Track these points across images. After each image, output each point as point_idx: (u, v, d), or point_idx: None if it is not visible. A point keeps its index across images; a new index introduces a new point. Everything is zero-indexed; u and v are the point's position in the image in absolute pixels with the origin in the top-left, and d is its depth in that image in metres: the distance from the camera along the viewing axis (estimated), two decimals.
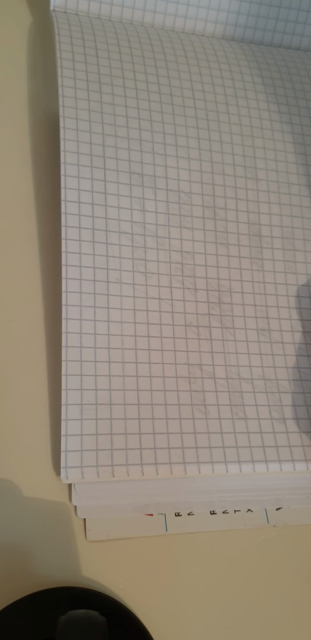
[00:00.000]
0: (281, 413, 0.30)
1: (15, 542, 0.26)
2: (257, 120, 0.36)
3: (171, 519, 0.28)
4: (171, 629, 0.26)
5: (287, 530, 0.29)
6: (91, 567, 0.26)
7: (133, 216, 0.31)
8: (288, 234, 0.34)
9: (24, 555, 0.26)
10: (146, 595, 0.26)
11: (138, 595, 0.26)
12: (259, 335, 0.31)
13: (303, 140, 0.36)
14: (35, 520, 0.26)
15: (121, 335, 0.29)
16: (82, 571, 0.26)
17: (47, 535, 0.26)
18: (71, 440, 0.26)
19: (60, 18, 0.36)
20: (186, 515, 0.28)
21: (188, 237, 0.32)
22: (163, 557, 0.27)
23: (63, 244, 0.29)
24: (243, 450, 0.28)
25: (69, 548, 0.26)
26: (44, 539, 0.26)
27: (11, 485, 0.27)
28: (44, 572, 0.25)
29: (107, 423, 0.27)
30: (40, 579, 0.25)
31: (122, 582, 0.26)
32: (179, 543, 0.27)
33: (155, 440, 0.27)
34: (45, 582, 0.25)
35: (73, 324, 0.28)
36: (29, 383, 0.29)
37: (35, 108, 0.37)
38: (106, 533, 0.27)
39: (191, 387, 0.29)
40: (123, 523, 0.27)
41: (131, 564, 0.26)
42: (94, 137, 0.32)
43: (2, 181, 0.34)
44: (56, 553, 0.26)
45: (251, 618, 0.27)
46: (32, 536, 0.26)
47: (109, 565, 0.26)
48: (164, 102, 0.34)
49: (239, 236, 0.33)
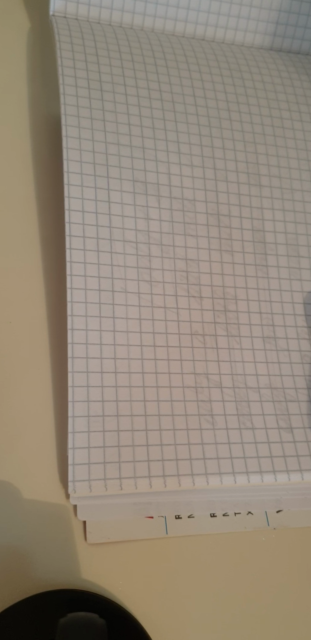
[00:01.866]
0: (289, 422, 0.29)
1: (16, 544, 0.26)
2: (259, 127, 0.36)
3: (171, 522, 0.27)
4: (170, 631, 0.26)
5: (287, 532, 0.29)
6: (91, 569, 0.26)
7: (137, 224, 0.31)
8: (292, 240, 0.34)
9: (24, 557, 0.26)
10: (146, 598, 0.26)
11: (138, 598, 0.26)
12: (265, 343, 0.31)
13: (305, 146, 0.36)
14: (35, 522, 0.26)
15: (127, 345, 0.29)
16: (82, 574, 0.26)
17: (47, 538, 0.26)
18: (78, 453, 0.26)
19: (60, 23, 0.35)
20: (186, 517, 0.28)
21: (193, 244, 0.32)
22: (163, 559, 0.27)
23: (67, 254, 0.29)
24: (250, 460, 0.28)
25: (69, 550, 0.26)
26: (44, 542, 0.26)
27: (12, 488, 0.27)
28: (44, 575, 0.25)
29: (115, 435, 0.27)
30: (40, 582, 0.25)
31: (122, 584, 0.26)
32: (180, 546, 0.27)
33: (163, 452, 0.27)
34: (45, 584, 0.25)
35: (79, 334, 0.28)
36: (29, 385, 0.29)
37: (36, 111, 0.36)
38: (106, 535, 0.26)
39: (198, 397, 0.29)
40: (123, 526, 0.27)
41: (131, 566, 0.26)
42: (97, 146, 0.31)
43: (3, 183, 0.34)
44: (56, 555, 0.26)
45: (252, 621, 0.27)
46: (32, 538, 0.26)
47: (109, 568, 0.26)
48: (166, 109, 0.34)
49: (243, 243, 0.33)
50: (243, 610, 0.27)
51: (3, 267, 0.32)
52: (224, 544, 0.28)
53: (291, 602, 0.27)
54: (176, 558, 0.27)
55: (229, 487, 0.28)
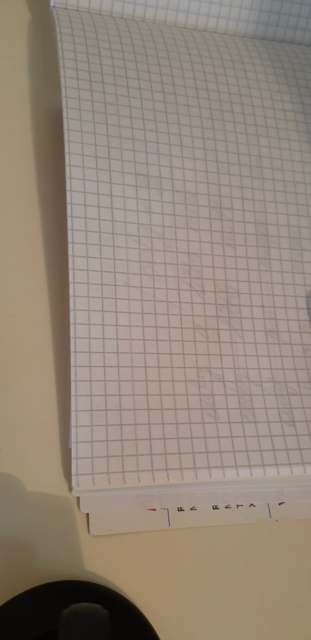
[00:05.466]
0: (291, 415, 0.30)
1: (19, 536, 0.26)
2: (262, 119, 0.36)
3: (173, 514, 0.28)
4: (173, 622, 0.26)
5: (289, 524, 0.29)
6: (94, 561, 0.26)
7: (140, 218, 0.31)
8: (295, 233, 0.34)
9: (27, 549, 0.26)
10: (148, 589, 0.26)
11: (141, 589, 0.26)
12: (267, 337, 0.31)
13: (308, 138, 0.36)
14: (38, 514, 0.27)
15: (130, 340, 0.29)
16: (85, 565, 0.26)
17: (51, 530, 0.26)
18: (81, 447, 0.26)
19: (61, 15, 0.35)
20: (188, 510, 0.28)
21: (195, 238, 0.32)
22: (165, 551, 0.27)
23: (70, 248, 0.29)
24: (253, 454, 0.28)
25: (72, 542, 0.26)
26: (48, 533, 0.26)
27: (15, 480, 0.27)
28: (48, 566, 0.26)
29: (118, 429, 0.27)
30: (43, 573, 0.25)
31: (125, 576, 0.26)
32: (182, 538, 0.27)
33: (165, 446, 0.27)
34: (49, 575, 0.25)
35: (81, 328, 0.28)
36: (31, 378, 0.29)
37: (37, 103, 0.36)
38: (108, 527, 0.27)
39: (200, 390, 0.29)
40: (126, 518, 0.27)
41: (134, 558, 0.27)
42: (99, 139, 0.31)
43: (4, 176, 0.34)
44: (59, 547, 0.26)
45: (254, 613, 0.27)
46: (35, 530, 0.26)
47: (112, 560, 0.26)
48: (168, 101, 0.34)
49: (246, 236, 0.33)
50: (244, 601, 0.27)
51: (5, 261, 0.32)
52: (227, 536, 0.28)
53: (293, 594, 0.27)
54: (179, 550, 0.27)
55: (232, 480, 0.28)
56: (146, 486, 0.27)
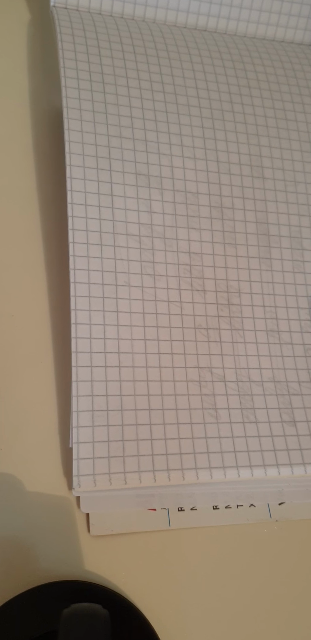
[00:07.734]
0: (292, 416, 0.29)
1: (19, 536, 0.26)
2: (262, 119, 0.36)
3: (174, 514, 0.28)
4: (173, 622, 0.26)
5: (289, 525, 0.29)
6: (94, 561, 0.26)
7: (140, 218, 0.31)
8: (296, 232, 0.34)
9: (27, 549, 0.26)
10: (148, 589, 0.26)
11: (141, 589, 0.26)
12: (268, 337, 0.31)
13: (308, 138, 0.36)
14: (38, 514, 0.27)
15: (131, 340, 0.29)
16: (86, 565, 0.26)
17: (51, 530, 0.26)
18: (82, 448, 0.26)
19: (61, 14, 0.35)
20: (189, 510, 0.28)
21: (196, 238, 0.32)
22: (165, 551, 0.27)
23: (70, 248, 0.29)
24: (254, 454, 0.28)
25: (72, 542, 0.26)
26: (48, 533, 0.26)
27: (15, 480, 0.27)
28: (48, 566, 0.26)
29: (119, 429, 0.27)
30: (43, 573, 0.25)
31: (125, 576, 0.26)
32: (182, 538, 0.27)
33: (167, 446, 0.27)
34: (49, 575, 0.25)
35: (82, 328, 0.28)
36: (32, 378, 0.29)
37: (37, 103, 0.36)
38: (109, 528, 0.27)
39: (201, 390, 0.29)
40: (126, 518, 0.27)
41: (134, 558, 0.27)
42: (99, 139, 0.31)
43: (4, 175, 0.34)
44: (59, 547, 0.26)
45: (253, 613, 0.27)
46: (35, 530, 0.26)
47: (112, 560, 0.26)
48: (169, 101, 0.34)
49: (247, 236, 0.33)
50: (244, 602, 0.27)
51: (5, 261, 0.31)
52: (227, 536, 0.28)
53: (293, 594, 0.27)
54: (179, 550, 0.27)
55: (232, 480, 0.28)
56: (147, 486, 0.27)
